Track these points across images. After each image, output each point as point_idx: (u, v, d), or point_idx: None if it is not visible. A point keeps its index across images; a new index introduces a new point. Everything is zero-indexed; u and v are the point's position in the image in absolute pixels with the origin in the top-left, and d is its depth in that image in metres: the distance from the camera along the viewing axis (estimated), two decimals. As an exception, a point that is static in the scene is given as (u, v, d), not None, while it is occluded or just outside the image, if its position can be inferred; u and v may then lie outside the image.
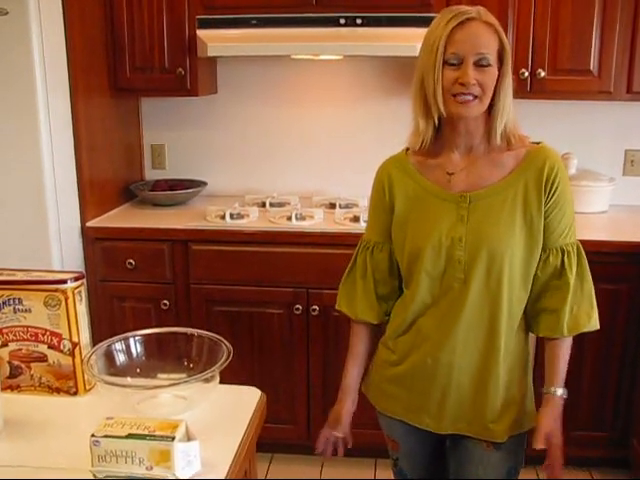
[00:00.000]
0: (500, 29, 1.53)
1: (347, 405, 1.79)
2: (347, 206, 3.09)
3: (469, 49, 1.49)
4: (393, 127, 3.03)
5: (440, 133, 1.63)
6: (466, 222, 1.57)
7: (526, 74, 2.80)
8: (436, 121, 1.59)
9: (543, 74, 2.80)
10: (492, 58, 1.50)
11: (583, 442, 2.85)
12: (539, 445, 1.61)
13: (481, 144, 1.60)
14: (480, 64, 1.49)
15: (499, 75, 1.53)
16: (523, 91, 2.82)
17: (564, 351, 1.65)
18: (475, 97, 1.51)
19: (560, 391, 1.64)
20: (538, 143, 1.62)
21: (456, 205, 1.59)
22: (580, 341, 2.59)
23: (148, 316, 2.88)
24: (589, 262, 1.64)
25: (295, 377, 2.90)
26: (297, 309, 2.81)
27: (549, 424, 1.62)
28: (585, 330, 1.62)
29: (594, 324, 1.63)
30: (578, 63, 2.79)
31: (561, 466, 1.63)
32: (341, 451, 1.82)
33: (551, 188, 1.55)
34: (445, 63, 1.50)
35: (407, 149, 1.70)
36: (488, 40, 1.50)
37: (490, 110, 1.55)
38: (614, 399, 2.79)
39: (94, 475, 1.18)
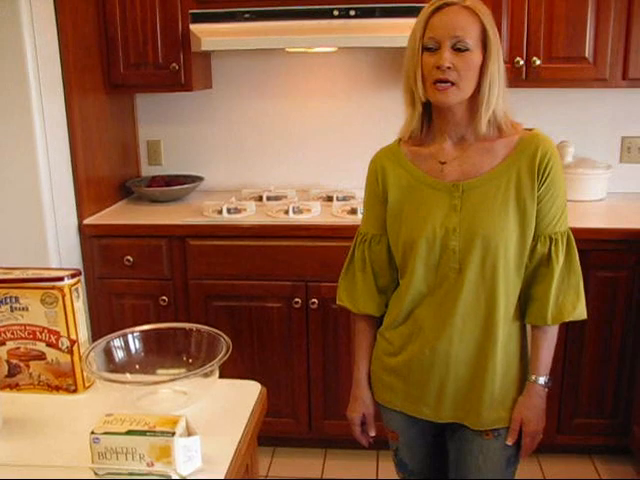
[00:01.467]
0: (483, 14, 1.51)
1: (367, 402, 1.80)
2: (344, 198, 3.09)
3: (445, 33, 1.48)
4: (388, 118, 3.03)
5: (432, 122, 1.63)
6: (459, 211, 1.57)
7: (521, 62, 2.79)
8: (420, 108, 1.58)
9: (538, 62, 2.79)
10: (471, 43, 1.49)
11: (584, 429, 2.86)
12: (508, 441, 1.65)
13: (471, 133, 1.60)
14: (457, 48, 1.48)
15: (483, 61, 1.51)
16: (518, 79, 2.81)
17: (548, 340, 1.65)
18: (452, 84, 1.49)
19: (542, 380, 1.64)
20: (531, 130, 1.62)
21: (449, 195, 1.59)
22: (580, 328, 2.63)
23: (147, 312, 2.87)
24: (587, 250, 1.64)
25: (295, 370, 2.90)
26: (296, 302, 2.80)
27: (521, 414, 1.64)
28: (570, 319, 1.61)
29: (579, 314, 1.62)
30: (573, 50, 2.78)
31: (528, 452, 1.67)
32: (365, 442, 1.85)
33: (543, 173, 1.55)
34: (424, 49, 1.51)
35: (400, 139, 1.70)
36: (466, 24, 1.49)
37: (476, 98, 1.54)
38: (615, 386, 2.79)
39: (95, 472, 1.18)
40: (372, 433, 1.82)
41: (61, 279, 1.45)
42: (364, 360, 1.79)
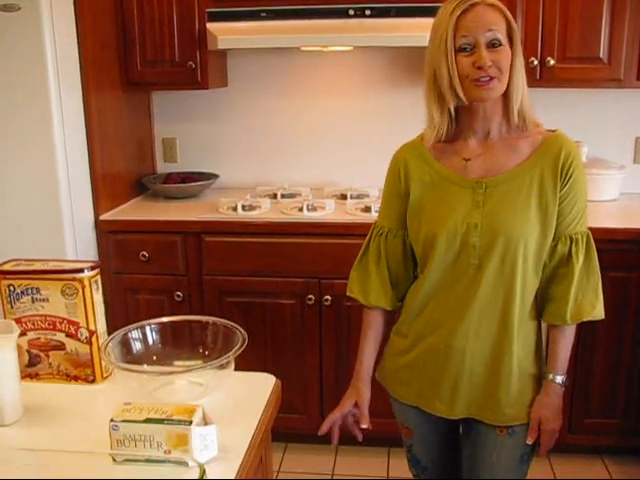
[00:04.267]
0: (505, 9, 1.54)
1: (362, 391, 1.79)
2: (358, 196, 3.11)
3: (479, 31, 1.49)
4: (403, 117, 3.04)
5: (458, 121, 1.63)
6: (482, 208, 1.58)
7: (535, 62, 2.80)
8: (452, 111, 1.59)
9: (552, 62, 2.79)
10: (503, 38, 1.51)
11: (595, 430, 2.86)
12: (528, 440, 1.66)
13: (500, 127, 1.61)
14: (492, 45, 1.50)
15: (511, 55, 1.54)
16: (532, 79, 2.81)
17: (566, 339, 1.65)
18: (492, 78, 1.51)
19: (559, 378, 1.65)
20: (554, 131, 1.63)
21: (472, 191, 1.60)
22: (592, 329, 2.63)
23: (162, 308, 2.89)
24: (600, 250, 1.64)
25: (308, 367, 2.92)
26: (309, 299, 2.82)
27: (539, 412, 1.65)
28: (588, 319, 1.62)
29: (597, 314, 1.63)
30: (588, 51, 2.78)
31: (546, 450, 1.68)
32: (357, 432, 1.80)
33: (566, 174, 1.56)
34: (458, 51, 1.51)
35: (422, 136, 1.70)
36: (496, 20, 1.51)
37: (505, 91, 1.56)
38: (626, 386, 2.79)
39: (113, 458, 1.20)
40: (364, 425, 1.77)
41: (81, 271, 1.48)
42: (367, 351, 1.78)
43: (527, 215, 1.56)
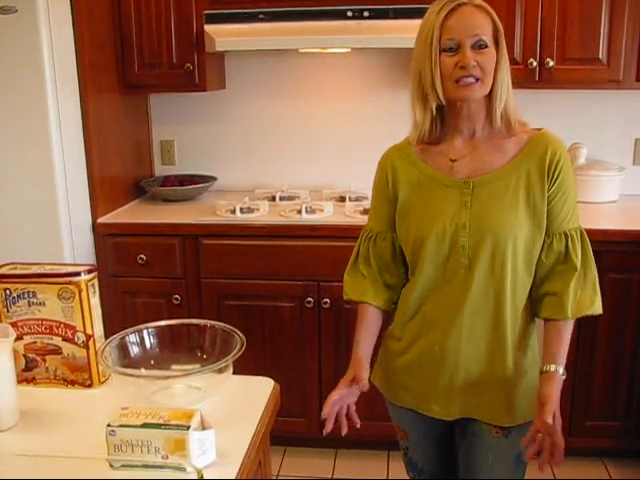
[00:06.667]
0: (492, 11, 1.55)
1: (360, 373, 1.67)
2: (357, 199, 3.10)
3: (464, 32, 1.51)
4: (402, 119, 3.01)
5: (443, 122, 1.64)
6: (469, 208, 1.58)
7: (534, 63, 2.79)
8: (434, 111, 1.60)
9: (552, 63, 2.79)
10: (488, 40, 1.52)
11: (596, 432, 2.85)
12: (549, 419, 1.51)
13: (483, 128, 1.61)
14: (477, 46, 1.51)
15: (496, 57, 1.54)
16: (531, 81, 2.81)
17: (567, 332, 1.63)
18: (477, 80, 1.52)
19: (561, 370, 1.61)
20: (540, 129, 1.63)
21: (459, 191, 1.60)
22: (592, 330, 2.62)
23: (160, 311, 2.88)
24: (600, 251, 1.64)
25: (307, 370, 2.91)
26: (308, 302, 2.81)
27: (555, 402, 1.55)
28: (588, 313, 1.61)
29: (596, 308, 1.62)
30: (587, 52, 2.77)
31: (562, 451, 1.55)
32: (344, 426, 1.72)
33: (554, 173, 1.56)
34: (442, 51, 1.52)
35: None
36: (482, 22, 1.52)
37: (490, 92, 1.56)
38: (627, 388, 2.78)
39: (110, 464, 1.19)
40: (357, 424, 1.72)
41: (78, 274, 1.47)
42: (363, 334, 1.72)
43: (515, 214, 1.56)
